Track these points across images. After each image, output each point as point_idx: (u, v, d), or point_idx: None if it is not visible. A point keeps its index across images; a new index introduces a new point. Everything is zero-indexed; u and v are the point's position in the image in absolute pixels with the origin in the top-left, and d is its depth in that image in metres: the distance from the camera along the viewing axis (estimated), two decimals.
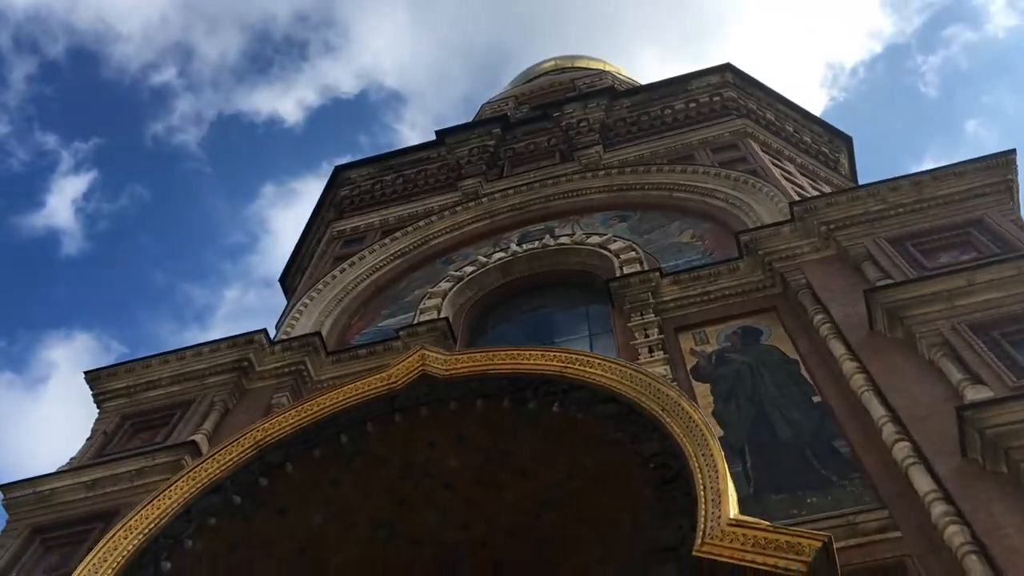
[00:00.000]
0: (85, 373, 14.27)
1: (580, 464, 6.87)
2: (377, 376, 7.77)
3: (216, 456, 6.66)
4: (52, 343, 62.70)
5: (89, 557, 5.58)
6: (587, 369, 7.06)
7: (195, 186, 67.17)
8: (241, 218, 71.40)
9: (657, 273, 13.44)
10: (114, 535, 5.84)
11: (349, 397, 7.32)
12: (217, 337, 14.29)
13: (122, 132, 67.23)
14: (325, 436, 7.04)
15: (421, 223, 18.72)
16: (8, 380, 57.17)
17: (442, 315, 14.54)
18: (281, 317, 17.39)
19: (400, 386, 7.57)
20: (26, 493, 11.48)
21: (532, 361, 7.21)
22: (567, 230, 17.09)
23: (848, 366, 9.97)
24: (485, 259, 16.51)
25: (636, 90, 22.33)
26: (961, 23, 72.30)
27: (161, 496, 6.17)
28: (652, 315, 12.64)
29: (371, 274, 17.38)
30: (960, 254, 11.22)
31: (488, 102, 34.70)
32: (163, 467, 11.25)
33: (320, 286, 16.81)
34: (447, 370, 7.49)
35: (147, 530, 5.83)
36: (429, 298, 15.37)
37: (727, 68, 21.62)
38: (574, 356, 7.34)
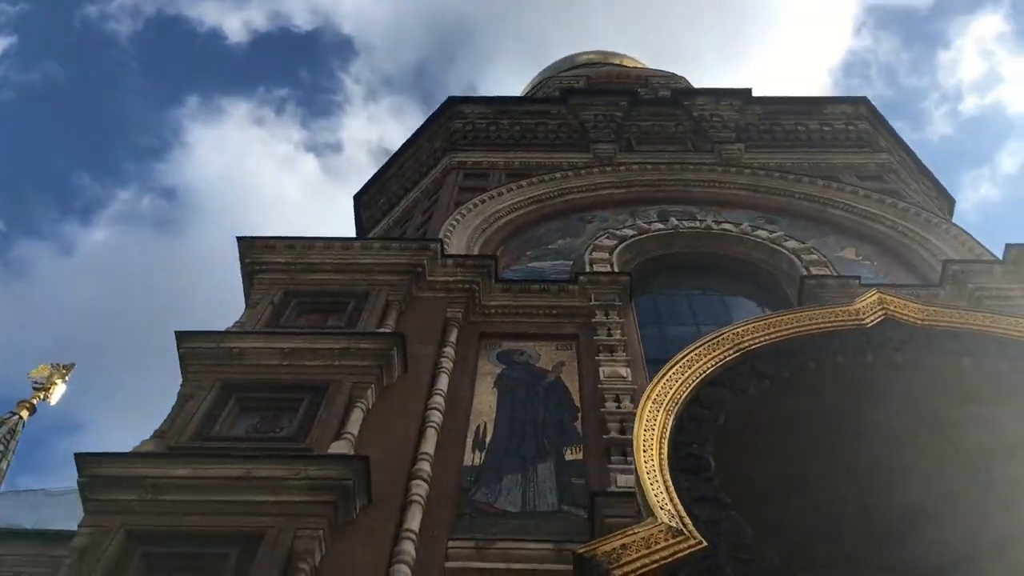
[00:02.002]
0: (239, 239, 13.29)
1: None
2: (844, 309, 7.17)
3: (699, 350, 6.05)
4: None
5: (639, 429, 4.95)
6: None
7: (116, 78, 63.72)
8: (157, 122, 68.13)
9: (857, 280, 13.24)
10: (644, 407, 5.21)
11: (817, 323, 6.70)
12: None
13: (53, 6, 63.20)
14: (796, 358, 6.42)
15: (557, 175, 18.13)
16: None
17: (616, 269, 14.04)
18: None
19: (869, 325, 7.05)
20: (210, 346, 10.54)
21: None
22: (711, 218, 16.76)
23: None
24: (645, 225, 16.10)
25: (769, 99, 22.15)
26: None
27: (666, 378, 5.56)
28: None
29: (509, 212, 16.72)
30: None
31: (553, 76, 34.32)
32: (368, 353, 10.49)
33: (464, 211, 16.07)
34: (923, 319, 7.03)
35: (670, 407, 5.23)
36: (595, 251, 14.83)
37: (862, 101, 21.66)
38: None
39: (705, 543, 4.03)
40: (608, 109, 21.19)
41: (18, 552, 12.68)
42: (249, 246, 13.19)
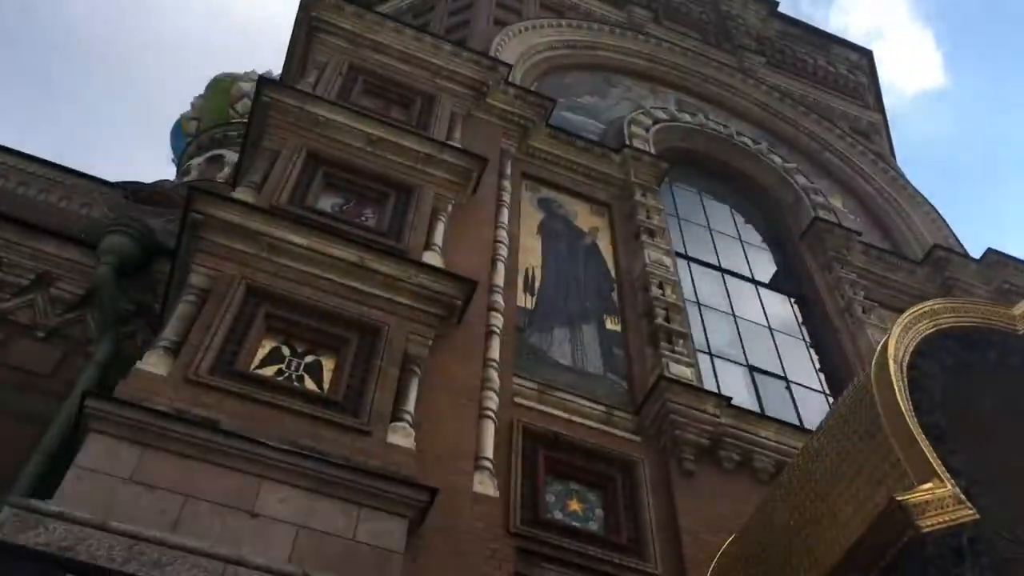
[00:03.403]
0: None
1: None
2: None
3: (909, 319, 6.51)
4: None
5: (896, 388, 5.46)
6: None
7: None
8: None
9: (859, 236, 14.29)
10: (887, 365, 5.70)
11: (998, 318, 7.14)
12: None
13: None
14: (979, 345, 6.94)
15: (594, 27, 17.78)
16: None
17: (651, 150, 14.29)
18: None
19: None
20: (295, 104, 10.06)
21: None
22: (722, 121, 17.18)
23: None
24: (672, 110, 16.30)
25: (790, 19, 22.36)
26: None
27: (895, 337, 6.04)
28: (854, 276, 13.49)
29: (546, 50, 16.37)
30: None
31: None
32: (452, 167, 10.39)
33: (508, 35, 15.56)
34: None
35: (899, 371, 5.77)
36: (633, 124, 14.93)
37: (867, 54, 22.37)
38: None
39: (978, 515, 4.73)
40: None
41: None
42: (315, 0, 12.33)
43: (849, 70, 21.74)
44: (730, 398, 9.31)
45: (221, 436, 6.15)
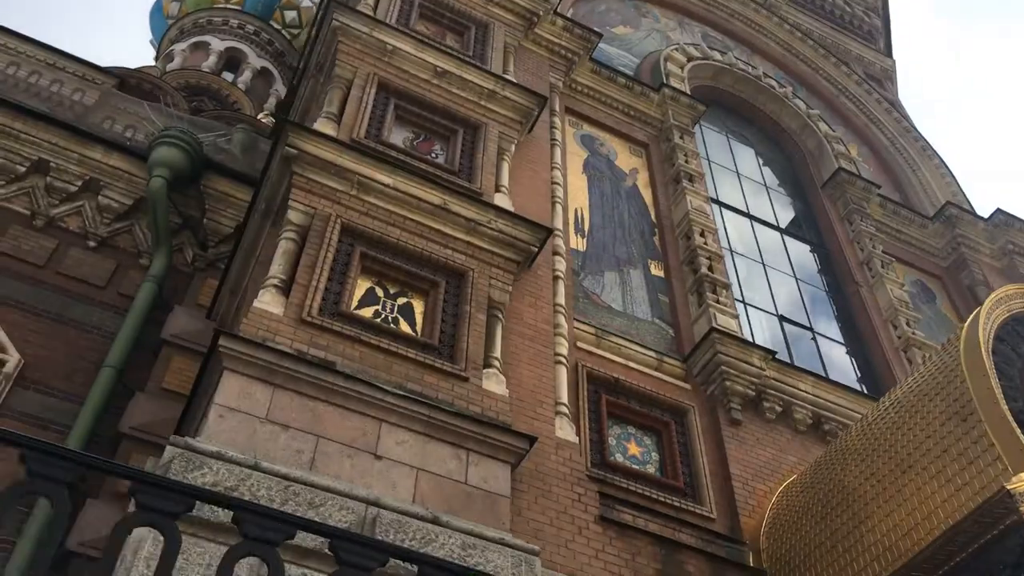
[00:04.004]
0: None
1: None
2: None
3: (989, 306, 6.93)
4: None
5: (989, 375, 5.91)
6: None
7: None
8: None
9: (877, 188, 14.73)
10: (979, 352, 6.14)
11: None
12: None
13: None
14: None
15: None
16: None
17: (687, 90, 14.40)
18: None
19: None
20: (363, 31, 9.95)
21: None
22: (743, 59, 17.28)
23: None
24: (708, 51, 16.31)
25: None
26: None
27: (982, 325, 6.47)
28: (873, 229, 13.98)
29: None
30: None
31: None
32: (513, 105, 10.42)
33: None
34: None
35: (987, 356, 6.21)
36: (669, 61, 14.97)
37: None
38: None
39: None
40: None
41: None
42: None
43: (865, 11, 21.79)
44: (775, 352, 9.80)
45: (341, 379, 6.43)
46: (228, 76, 34.22)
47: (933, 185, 16.36)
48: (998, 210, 15.22)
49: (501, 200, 9.13)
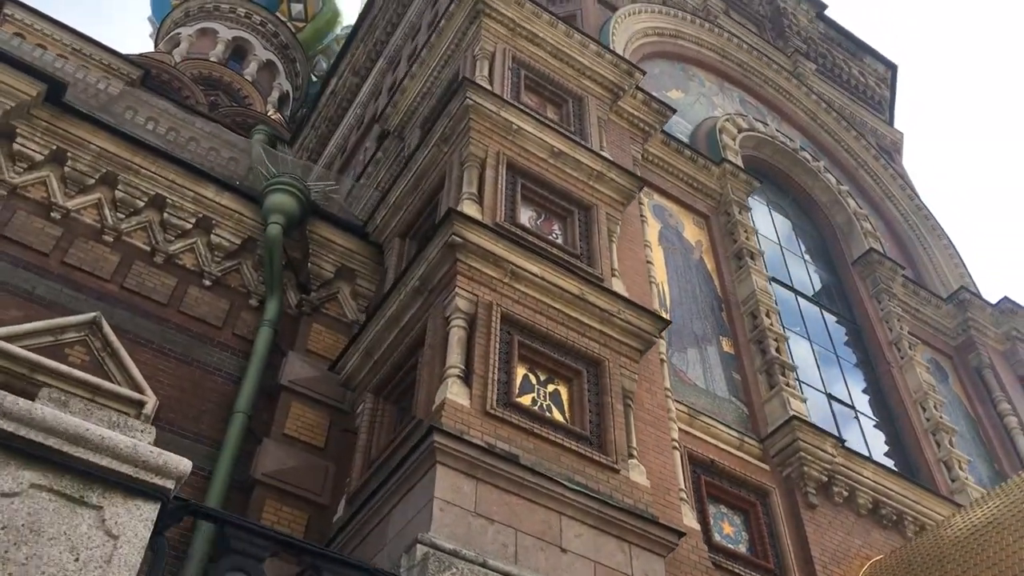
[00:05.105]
0: None
1: None
2: None
3: None
4: None
5: None
6: None
7: None
8: None
9: (902, 269, 15.89)
10: None
11: None
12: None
13: None
14: None
15: (679, 13, 18.31)
16: None
17: (739, 162, 15.29)
18: None
19: None
20: (493, 109, 10.57)
21: None
22: (776, 128, 18.28)
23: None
24: (753, 123, 17.23)
25: (833, 23, 23.30)
26: None
27: None
28: (900, 310, 15.12)
29: (640, 38, 16.90)
30: None
31: None
32: (617, 186, 11.16)
33: (619, 19, 16.03)
34: None
35: None
36: (723, 133, 15.85)
37: (893, 68, 23.70)
38: None
39: None
40: None
41: None
42: None
43: (876, 82, 23.09)
44: (844, 440, 10.79)
45: (529, 473, 7.14)
46: (234, 66, 34.16)
47: (943, 264, 17.61)
48: (1005, 298, 16.54)
49: (618, 286, 9.87)
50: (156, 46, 35.67)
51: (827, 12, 23.05)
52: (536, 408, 8.02)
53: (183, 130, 24.69)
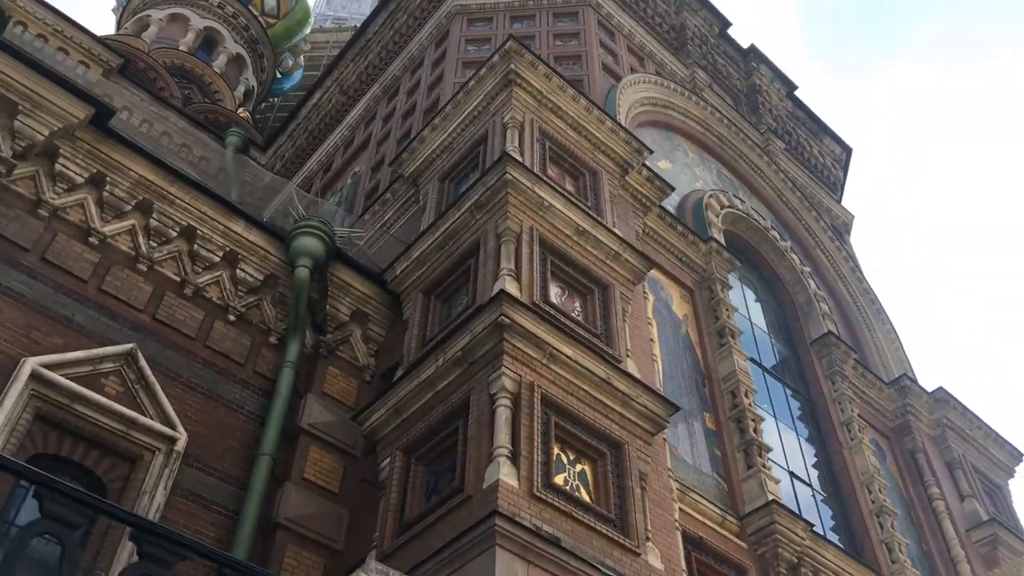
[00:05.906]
0: (511, 36, 13.15)
1: None
2: None
3: None
4: None
5: None
6: None
7: None
8: None
9: (854, 353, 17.13)
10: None
11: None
12: None
13: None
14: None
15: (671, 85, 19.22)
16: None
17: (721, 239, 16.26)
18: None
19: None
20: (527, 185, 11.16)
21: None
22: (751, 206, 19.36)
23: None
24: (732, 199, 18.24)
25: (799, 103, 24.62)
26: None
27: None
28: (850, 392, 16.34)
29: (637, 107, 17.75)
30: None
31: None
32: (630, 265, 11.89)
33: (620, 89, 16.82)
34: None
35: None
36: (708, 210, 16.79)
37: (848, 150, 25.23)
38: None
39: None
40: (708, 21, 22.24)
41: None
42: (517, 52, 13.20)
43: (832, 163, 24.58)
44: (813, 524, 11.78)
45: (573, 558, 7.77)
46: (202, 56, 33.81)
47: (885, 349, 18.99)
48: (940, 388, 18.02)
49: (631, 367, 10.58)
50: (120, 25, 34.93)
51: (796, 92, 24.42)
52: (566, 486, 8.65)
53: (157, 123, 24.51)
